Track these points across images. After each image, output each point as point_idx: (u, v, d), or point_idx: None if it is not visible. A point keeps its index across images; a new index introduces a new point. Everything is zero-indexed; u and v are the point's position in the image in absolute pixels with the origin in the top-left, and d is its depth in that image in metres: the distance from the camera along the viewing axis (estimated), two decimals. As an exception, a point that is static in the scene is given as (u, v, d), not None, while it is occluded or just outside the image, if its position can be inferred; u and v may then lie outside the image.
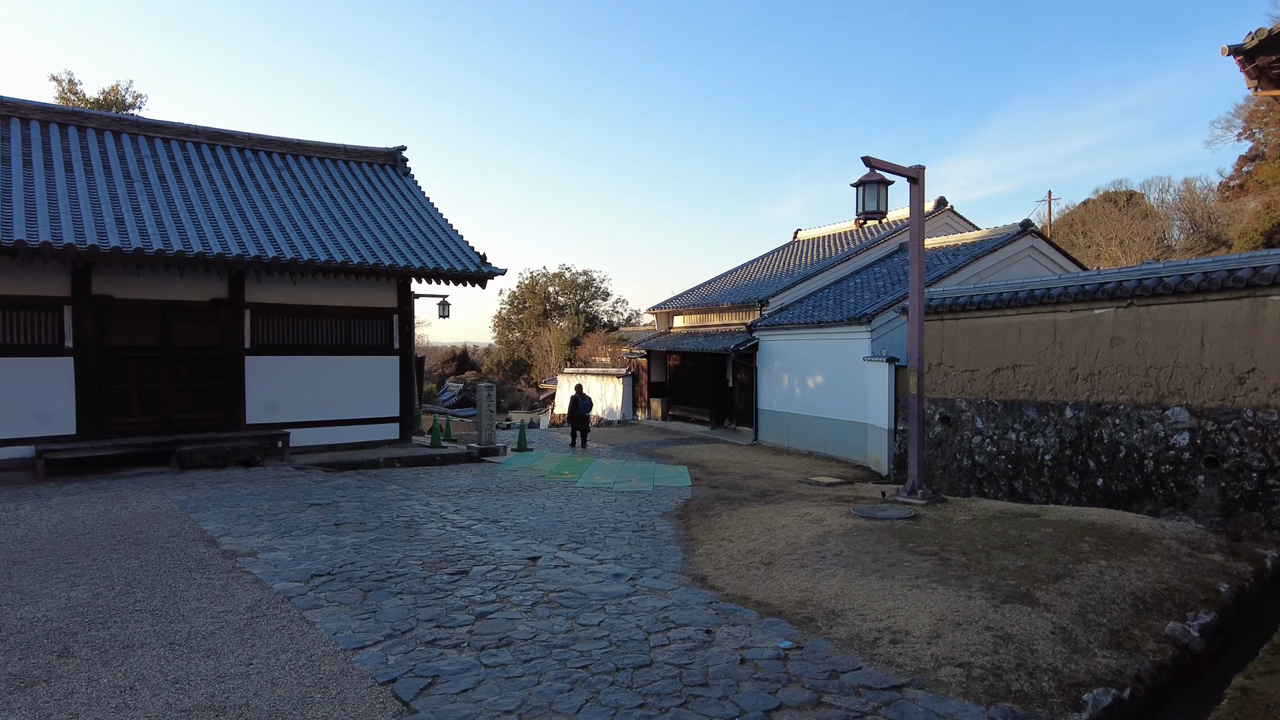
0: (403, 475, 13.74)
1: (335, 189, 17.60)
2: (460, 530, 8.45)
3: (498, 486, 12.60)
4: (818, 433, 18.03)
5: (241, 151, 17.33)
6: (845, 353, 17.08)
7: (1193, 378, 10.10)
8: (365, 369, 16.51)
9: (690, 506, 10.76)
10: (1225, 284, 9.73)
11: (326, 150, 18.86)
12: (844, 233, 26.58)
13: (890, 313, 16.41)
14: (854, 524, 8.19)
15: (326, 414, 15.99)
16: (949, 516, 8.53)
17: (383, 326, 16.78)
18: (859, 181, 9.09)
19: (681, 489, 12.61)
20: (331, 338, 16.12)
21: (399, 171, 19.74)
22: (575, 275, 60.55)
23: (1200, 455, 9.85)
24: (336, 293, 16.10)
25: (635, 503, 11.21)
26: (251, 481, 11.63)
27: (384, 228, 16.65)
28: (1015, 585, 5.90)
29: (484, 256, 16.70)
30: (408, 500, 10.41)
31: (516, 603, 5.76)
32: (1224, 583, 6.66)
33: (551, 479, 13.60)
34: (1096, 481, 10.96)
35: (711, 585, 6.69)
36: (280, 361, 15.48)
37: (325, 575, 6.45)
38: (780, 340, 19.64)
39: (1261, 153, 47.54)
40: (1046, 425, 11.78)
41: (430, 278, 15.88)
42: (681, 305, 25.74)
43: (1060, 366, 11.71)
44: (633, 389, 28.54)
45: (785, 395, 19.34)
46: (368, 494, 10.78)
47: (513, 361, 58.29)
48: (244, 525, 8.40)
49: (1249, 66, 12.42)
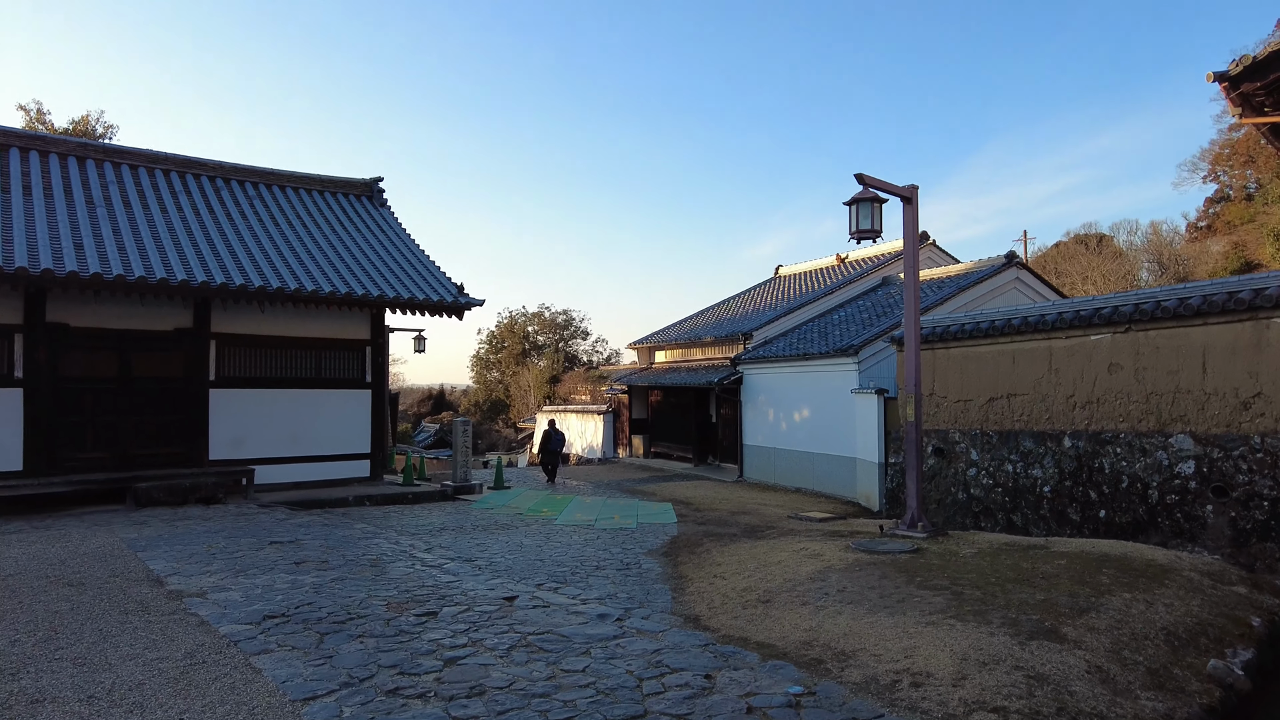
0: (372, 514, 13.05)
1: (309, 218, 17.11)
2: (430, 569, 7.82)
3: (472, 525, 11.95)
4: (805, 468, 17.54)
5: (212, 180, 16.84)
6: (832, 385, 16.69)
7: (1196, 404, 9.77)
8: (336, 403, 15.85)
9: (678, 543, 10.19)
10: (1226, 306, 9.46)
11: (301, 180, 18.41)
12: (825, 268, 26.44)
13: (879, 343, 16.08)
14: (855, 558, 7.67)
15: (294, 450, 15.27)
16: (953, 550, 8.04)
17: (355, 359, 16.17)
18: (852, 199, 8.76)
19: (667, 526, 12.04)
20: (301, 370, 15.48)
21: (375, 202, 19.32)
22: (555, 315, 60.17)
23: (1207, 484, 9.47)
24: (307, 323, 15.51)
25: (619, 540, 10.62)
26: (210, 519, 10.90)
27: (358, 257, 16.15)
28: (1039, 620, 5.40)
29: (461, 287, 16.23)
30: (375, 539, 9.75)
31: (491, 646, 5.16)
32: (1255, 616, 6.20)
33: (529, 517, 12.97)
34: (1099, 513, 10.54)
35: (706, 626, 6.12)
36: (247, 395, 14.80)
37: (279, 616, 5.81)
38: (765, 374, 19.24)
39: (1226, 195, 48.57)
40: (1044, 456, 11.38)
41: (405, 308, 15.35)
42: (664, 340, 25.34)
43: (1057, 395, 11.36)
44: (614, 426, 27.95)
45: (771, 430, 18.87)
46: (333, 532, 10.10)
47: (490, 402, 57.43)
48: (195, 564, 7.71)
49: (1233, 94, 12.35)
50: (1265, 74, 11.93)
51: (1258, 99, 12.89)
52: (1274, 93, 12.66)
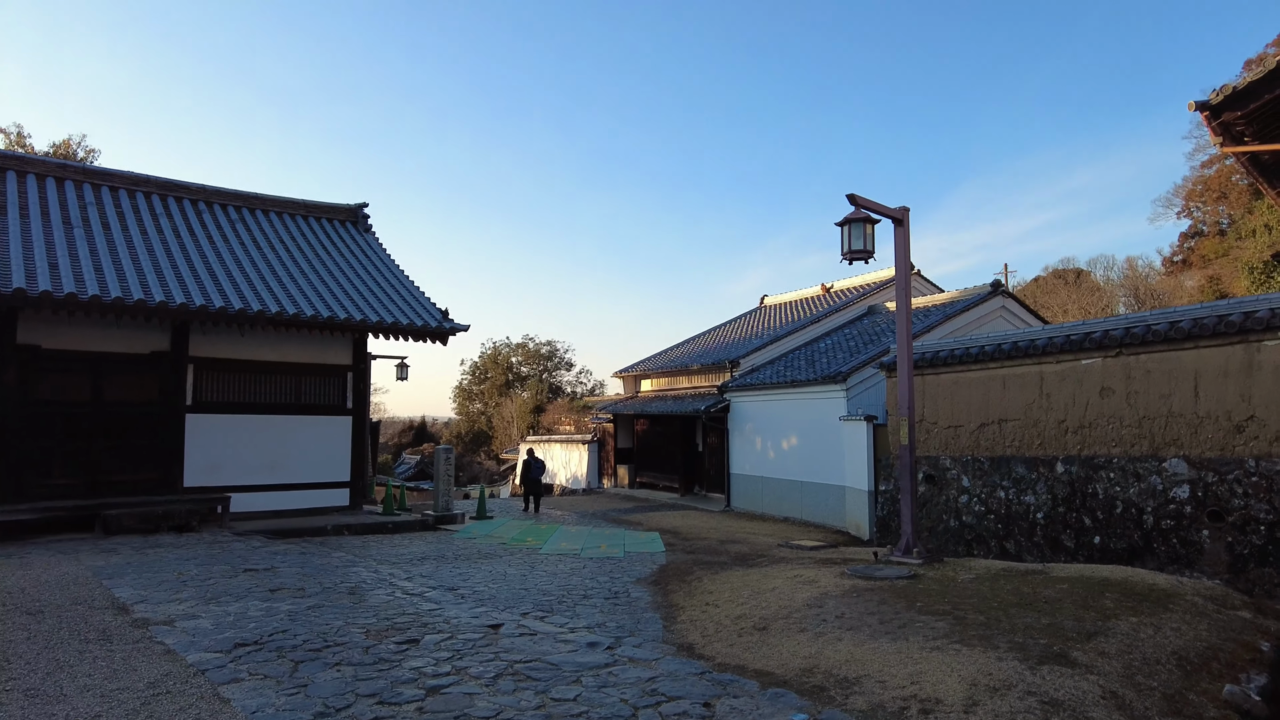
0: (351, 543, 12.67)
1: (292, 243, 16.89)
2: (411, 597, 7.51)
3: (454, 554, 11.62)
4: (793, 497, 17.32)
5: (194, 203, 16.62)
6: (820, 413, 16.55)
7: (1189, 427, 9.69)
8: (316, 430, 15.50)
9: (667, 572, 9.92)
10: (1217, 330, 9.44)
11: (284, 205, 18.23)
12: (810, 297, 26.47)
13: (868, 370, 15.99)
14: (851, 584, 7.45)
15: (272, 477, 14.88)
16: (951, 575, 7.84)
17: (336, 385, 15.86)
18: (844, 220, 8.69)
19: (655, 554, 11.76)
20: (281, 396, 15.15)
21: (360, 228, 19.15)
22: (539, 345, 59.91)
23: (1203, 508, 9.36)
24: (288, 348, 15.21)
25: (606, 569, 10.33)
26: (182, 547, 10.50)
27: (341, 282, 15.92)
28: (1047, 644, 5.20)
29: (446, 312, 16.01)
30: (355, 567, 9.41)
31: (476, 675, 4.88)
32: (1263, 641, 6.04)
33: (513, 546, 12.65)
34: (1093, 539, 10.39)
35: (701, 654, 5.87)
36: (224, 420, 14.44)
37: (252, 644, 5.50)
38: (752, 401, 19.09)
39: (1200, 230, 49.48)
40: (1037, 482, 11.25)
41: (388, 333, 15.09)
42: (649, 369, 25.17)
43: (1048, 420, 11.27)
44: (598, 456, 27.62)
45: (758, 458, 18.67)
46: (310, 560, 9.75)
47: (473, 433, 56.82)
48: (164, 592, 7.36)
49: (1214, 123, 12.51)
50: (1245, 103, 12.09)
51: (1238, 128, 13.05)
52: (1254, 122, 12.84)
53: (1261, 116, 12.44)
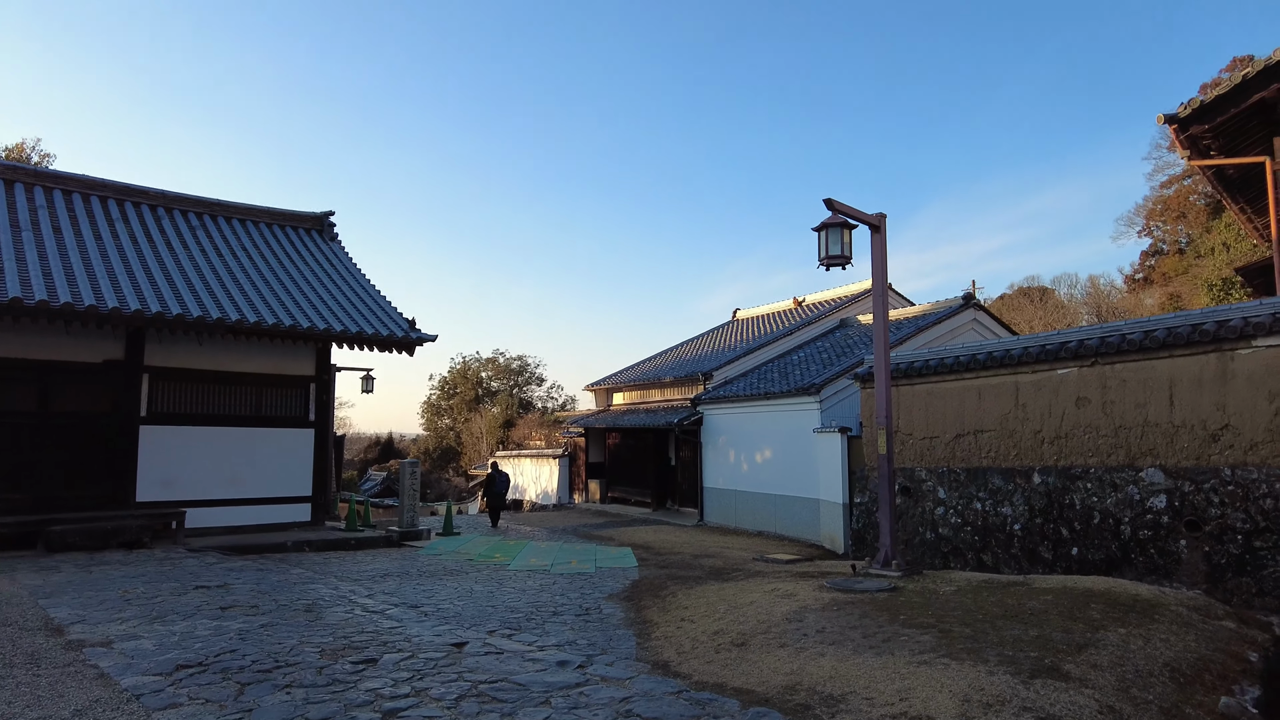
0: (312, 560, 12.21)
1: (254, 250, 16.43)
2: (371, 615, 7.14)
3: (419, 571, 11.22)
4: (767, 511, 17.10)
5: (153, 208, 16.11)
6: (794, 425, 16.39)
7: (1164, 437, 9.64)
8: (277, 443, 15.01)
9: (640, 587, 9.62)
10: (1191, 339, 9.41)
11: (247, 212, 17.76)
12: (782, 311, 26.43)
13: (841, 382, 15.87)
14: (831, 598, 7.21)
15: (231, 492, 14.35)
16: (932, 588, 7.65)
17: (298, 396, 15.39)
18: (821, 225, 8.53)
19: (627, 570, 11.45)
20: (241, 407, 14.65)
21: (325, 236, 18.71)
22: (509, 360, 59.35)
23: (1180, 518, 9.28)
24: (249, 358, 14.73)
25: (576, 585, 10.00)
26: (131, 564, 9.99)
27: (305, 290, 15.48)
28: (1038, 658, 5.00)
29: (413, 322, 15.63)
30: (313, 584, 8.99)
31: (437, 697, 4.56)
32: (1252, 651, 5.90)
33: (481, 562, 12.26)
34: (1071, 551, 10.28)
35: (677, 672, 5.58)
36: (180, 432, 13.90)
37: (196, 666, 5.11)
38: (726, 414, 18.89)
39: (1160, 249, 50.53)
40: (1014, 493, 11.14)
41: (353, 343, 14.68)
42: (621, 382, 24.90)
43: (1025, 430, 11.19)
44: (569, 470, 27.22)
45: (732, 472, 18.45)
46: (267, 577, 9.31)
47: (441, 449, 55.97)
48: (105, 611, 6.91)
49: (1182, 136, 12.63)
50: (1212, 117, 12.20)
51: (1204, 142, 13.18)
52: (1220, 136, 12.97)
53: (1227, 130, 12.59)
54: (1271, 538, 8.48)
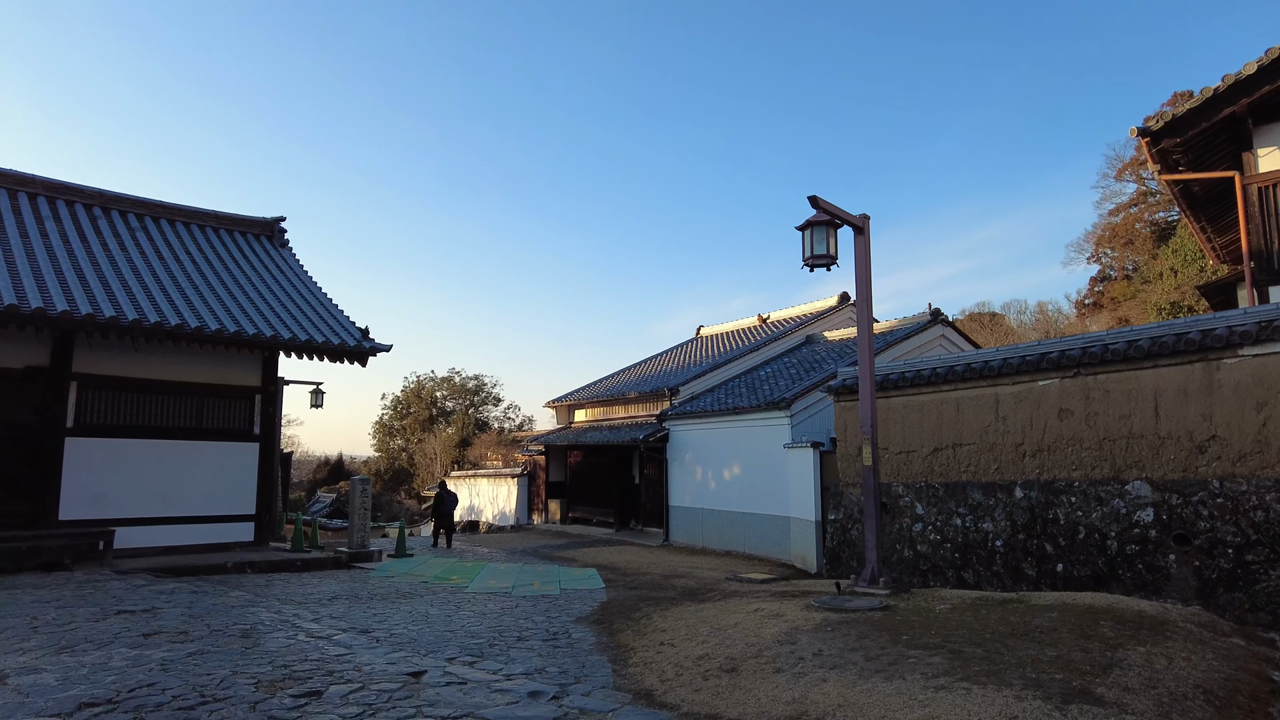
0: (254, 582, 11.32)
1: (199, 254, 15.53)
2: (316, 641, 6.41)
3: (370, 593, 10.43)
4: (736, 529, 16.59)
5: (89, 208, 15.14)
6: (764, 441, 15.96)
7: (1150, 449, 9.39)
8: (219, 457, 14.06)
9: (610, 609, 9.00)
10: (1176, 348, 9.20)
11: (192, 215, 16.85)
12: (748, 328, 26.14)
13: (812, 396, 15.50)
14: (822, 618, 6.70)
15: (167, 510, 13.37)
16: (926, 606, 7.19)
17: (242, 408, 14.48)
18: (805, 224, 8.12)
19: (594, 591, 10.82)
20: (180, 419, 13.69)
21: (276, 243, 17.86)
22: (465, 379, 58.21)
23: (1168, 532, 9.01)
24: (190, 367, 13.81)
25: (541, 608, 9.34)
26: (46, 588, 9.04)
27: (251, 296, 14.63)
28: (1064, 680, 4.53)
29: (366, 331, 14.86)
30: (253, 607, 8.20)
31: (393, 734, 3.91)
32: (1274, 670, 5.53)
33: (436, 585, 11.51)
34: (1056, 567, 9.95)
35: (663, 702, 5.00)
36: (112, 445, 12.91)
37: (104, 704, 4.37)
38: (692, 430, 18.39)
39: (1109, 275, 51.82)
40: (995, 508, 10.81)
41: (302, 352, 13.85)
42: (584, 398, 24.26)
43: (1005, 443, 10.88)
44: (528, 490, 26.41)
45: (699, 489, 17.92)
46: (202, 600, 8.47)
47: (393, 470, 54.43)
48: (6, 640, 6.07)
49: (1153, 150, 12.60)
50: (1184, 130, 12.17)
51: (1174, 157, 13.17)
52: (1189, 151, 12.97)
53: (1196, 146, 12.60)
54: (1263, 551, 8.23)
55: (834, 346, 19.80)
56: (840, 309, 22.64)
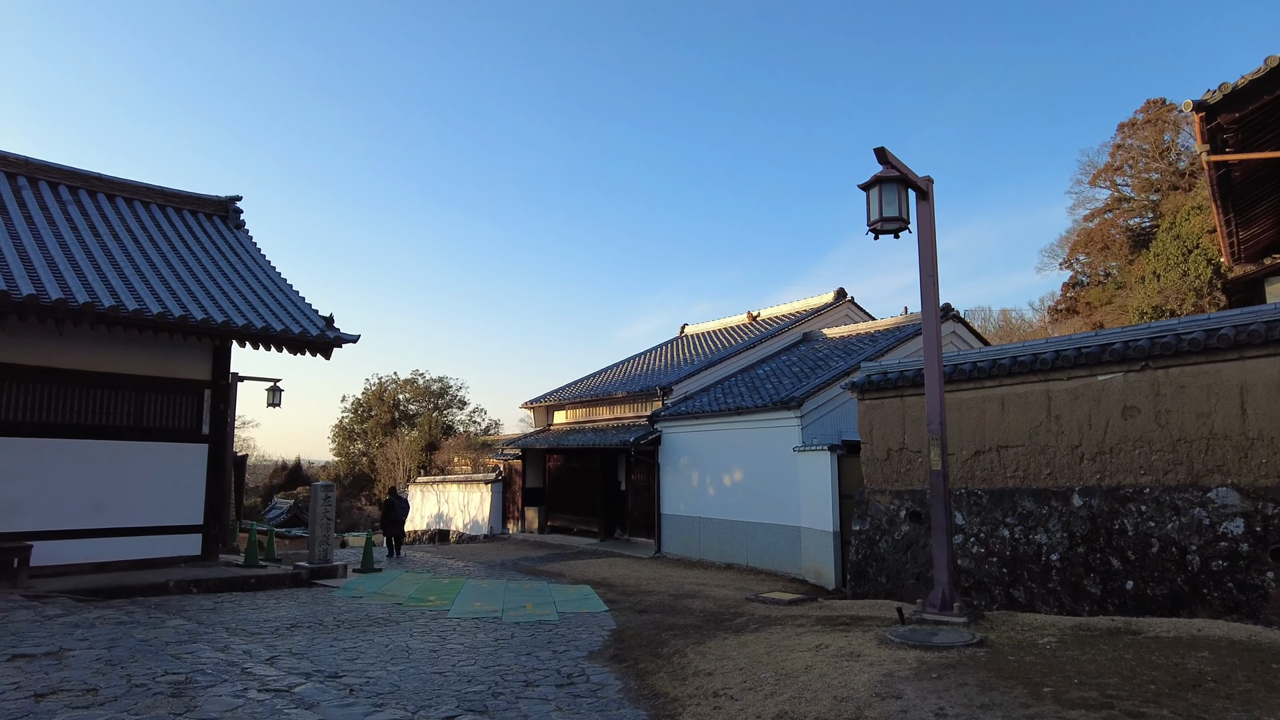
0: (199, 604, 9.72)
1: (141, 232, 13.80)
2: (273, 697, 4.93)
3: (336, 619, 8.91)
4: (738, 540, 15.27)
5: (12, 177, 13.33)
6: (770, 443, 14.68)
7: (1236, 451, 8.27)
8: (161, 460, 12.38)
9: (626, 640, 7.61)
10: (1268, 337, 8.10)
11: (136, 190, 15.08)
12: (735, 326, 24.92)
13: (825, 394, 14.28)
14: (915, 659, 5.38)
15: (99, 520, 11.67)
16: (1025, 639, 5.92)
17: (189, 405, 12.80)
18: (870, 182, 6.83)
19: (597, 615, 9.41)
20: (115, 416, 12.00)
21: (230, 224, 16.14)
22: (429, 382, 56.27)
23: (1264, 546, 7.88)
24: (128, 357, 12.13)
25: (542, 638, 7.91)
26: (-66, 621, 7.36)
27: (201, 279, 12.97)
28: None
29: (330, 319, 13.28)
30: (194, 643, 6.65)
31: None
32: None
33: (413, 607, 10.00)
34: (1125, 584, 8.78)
35: (757, 789, 3.63)
36: (30, 446, 11.19)
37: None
38: (688, 432, 17.05)
39: (1081, 280, 51.77)
40: (1049, 517, 9.63)
41: (257, 341, 12.24)
42: (565, 399, 22.77)
43: (1059, 445, 9.72)
44: (503, 497, 24.82)
45: (695, 497, 16.57)
46: (129, 634, 6.90)
47: (354, 476, 52.26)
48: None
49: (1207, 126, 11.60)
50: (1243, 104, 11.11)
51: (1226, 134, 12.14)
52: (1243, 129, 11.95)
53: (1251, 123, 11.63)
54: (1386, 569, 7.14)
55: (836, 344, 18.61)
56: (837, 305, 21.49)
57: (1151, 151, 48.25)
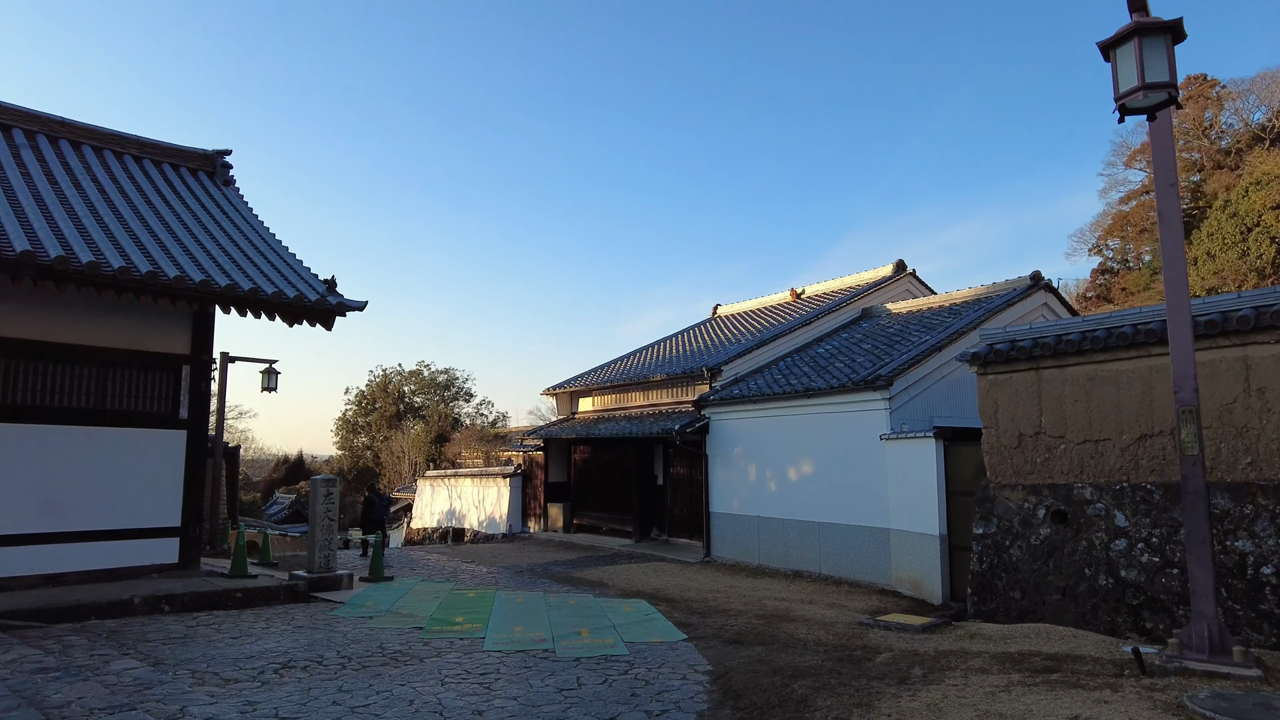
0: (168, 630, 7.66)
1: (112, 183, 11.70)
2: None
3: (341, 653, 6.83)
4: (807, 544, 13.12)
5: (-46, 118, 11.23)
6: (848, 430, 12.54)
7: None
8: (129, 449, 10.31)
9: (742, 695, 5.51)
10: None
11: (110, 139, 12.96)
12: (777, 305, 22.74)
13: (923, 366, 12.13)
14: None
15: (50, 523, 9.62)
16: None
17: (164, 384, 10.72)
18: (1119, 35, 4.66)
19: (675, 646, 7.30)
20: (73, 397, 9.94)
21: (218, 180, 14.03)
22: (435, 374, 54.24)
23: None
24: (89, 323, 10.07)
25: (620, 689, 5.81)
26: None
27: (180, 235, 10.87)
28: None
29: (332, 282, 11.17)
30: (148, 691, 4.55)
31: None
32: None
33: (436, 634, 7.91)
34: (1379, 611, 6.66)
35: None
36: (-35, 433, 9.09)
37: None
38: (743, 419, 14.89)
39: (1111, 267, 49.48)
40: (1255, 519, 7.50)
41: (246, 306, 10.11)
42: (592, 384, 20.61)
43: (1265, 426, 7.58)
44: (523, 493, 22.71)
45: (752, 493, 14.43)
46: (55, 687, 4.80)
47: (357, 470, 50.28)
48: None
49: None
50: None
51: None
52: None
53: None
54: None
55: (906, 319, 16.43)
56: (897, 279, 19.29)
57: (1193, 130, 45.95)
